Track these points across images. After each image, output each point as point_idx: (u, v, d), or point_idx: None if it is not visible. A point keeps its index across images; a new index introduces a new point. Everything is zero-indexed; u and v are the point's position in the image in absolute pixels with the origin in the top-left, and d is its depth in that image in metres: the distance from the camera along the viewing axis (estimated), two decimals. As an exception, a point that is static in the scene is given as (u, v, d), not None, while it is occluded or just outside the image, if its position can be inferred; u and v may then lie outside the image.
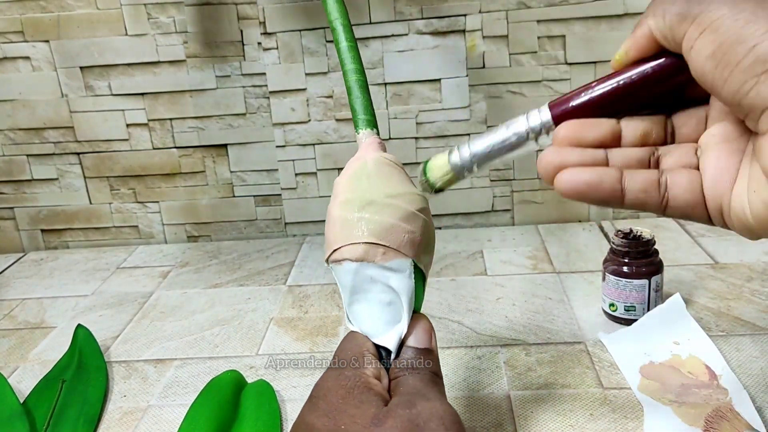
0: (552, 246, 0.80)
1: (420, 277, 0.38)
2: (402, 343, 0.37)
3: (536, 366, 0.56)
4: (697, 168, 0.33)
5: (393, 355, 0.37)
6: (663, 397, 0.50)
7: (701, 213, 0.32)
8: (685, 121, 0.34)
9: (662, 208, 0.32)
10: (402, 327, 0.37)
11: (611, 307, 0.61)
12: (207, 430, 0.50)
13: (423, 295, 0.39)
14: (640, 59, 0.33)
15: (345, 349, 0.37)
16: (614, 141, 0.33)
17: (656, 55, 0.32)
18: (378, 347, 0.38)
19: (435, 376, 0.36)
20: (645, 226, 0.72)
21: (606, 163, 0.33)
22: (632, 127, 0.34)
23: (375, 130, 0.41)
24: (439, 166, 0.38)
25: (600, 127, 0.33)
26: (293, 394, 0.55)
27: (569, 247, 0.79)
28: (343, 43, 0.42)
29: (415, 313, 0.39)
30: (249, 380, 0.57)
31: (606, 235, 0.82)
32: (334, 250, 0.38)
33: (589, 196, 0.32)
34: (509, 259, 0.77)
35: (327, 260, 0.39)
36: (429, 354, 0.37)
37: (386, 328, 0.37)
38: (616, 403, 0.51)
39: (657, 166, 0.33)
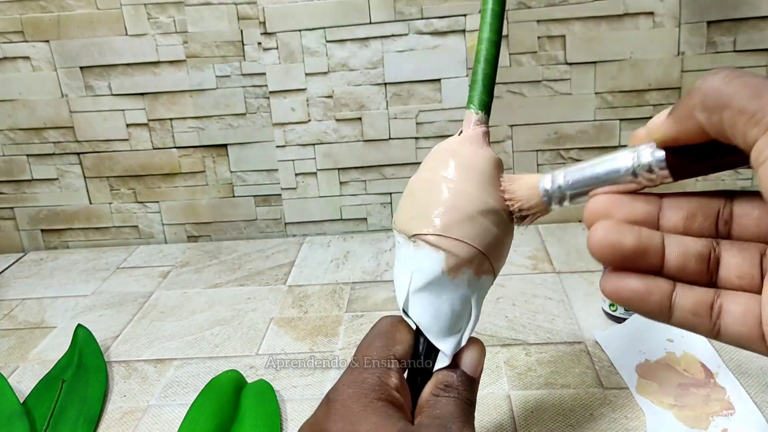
0: (552, 246, 0.80)
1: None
2: (454, 360, 0.36)
3: (536, 366, 0.56)
4: (760, 290, 0.27)
5: (441, 363, 0.35)
6: (663, 401, 0.50)
7: (758, 346, 0.27)
8: (747, 210, 0.27)
9: (713, 334, 0.27)
10: (463, 339, 0.35)
11: (611, 307, 0.61)
12: (207, 430, 0.50)
13: None
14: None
15: (372, 347, 0.35)
16: (650, 222, 0.28)
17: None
18: (417, 343, 0.36)
19: (470, 406, 0.35)
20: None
21: (662, 252, 0.28)
22: (675, 206, 0.28)
23: (487, 116, 0.36)
24: (528, 185, 0.32)
25: (633, 205, 0.28)
26: (293, 394, 0.55)
27: (569, 247, 0.79)
28: (489, 5, 0.37)
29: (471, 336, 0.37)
30: (249, 380, 0.57)
31: (606, 235, 0.82)
32: (439, 235, 0.33)
33: (633, 305, 0.28)
34: (509, 259, 0.76)
35: (415, 235, 0.34)
36: (473, 383, 0.36)
37: (446, 333, 0.35)
38: (616, 403, 0.51)
39: (715, 268, 0.28)
